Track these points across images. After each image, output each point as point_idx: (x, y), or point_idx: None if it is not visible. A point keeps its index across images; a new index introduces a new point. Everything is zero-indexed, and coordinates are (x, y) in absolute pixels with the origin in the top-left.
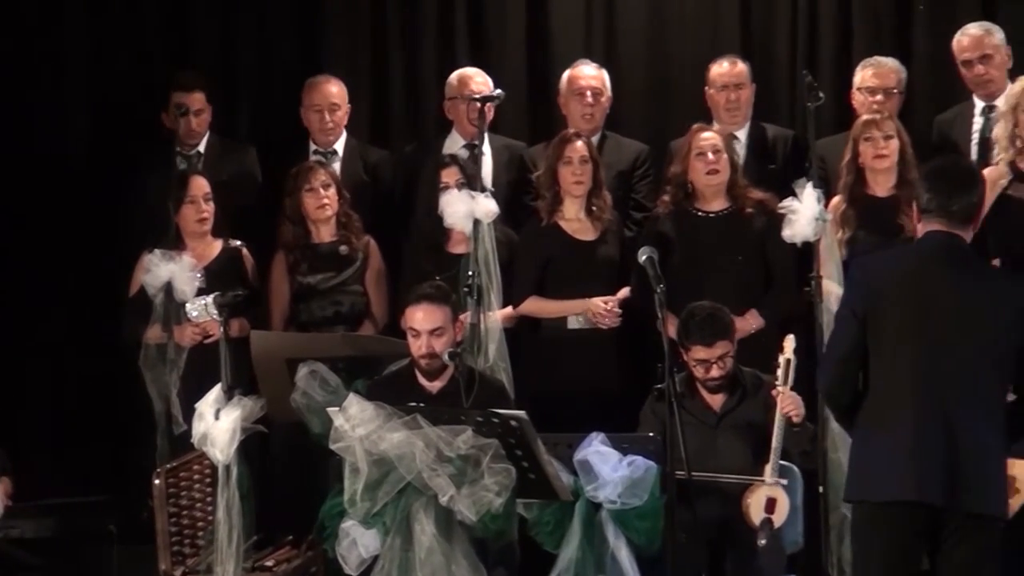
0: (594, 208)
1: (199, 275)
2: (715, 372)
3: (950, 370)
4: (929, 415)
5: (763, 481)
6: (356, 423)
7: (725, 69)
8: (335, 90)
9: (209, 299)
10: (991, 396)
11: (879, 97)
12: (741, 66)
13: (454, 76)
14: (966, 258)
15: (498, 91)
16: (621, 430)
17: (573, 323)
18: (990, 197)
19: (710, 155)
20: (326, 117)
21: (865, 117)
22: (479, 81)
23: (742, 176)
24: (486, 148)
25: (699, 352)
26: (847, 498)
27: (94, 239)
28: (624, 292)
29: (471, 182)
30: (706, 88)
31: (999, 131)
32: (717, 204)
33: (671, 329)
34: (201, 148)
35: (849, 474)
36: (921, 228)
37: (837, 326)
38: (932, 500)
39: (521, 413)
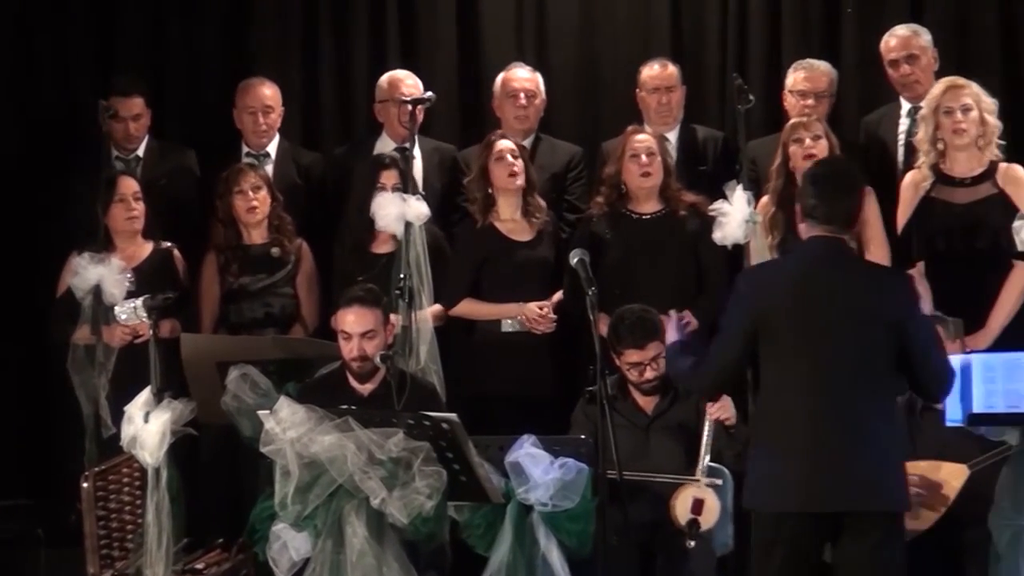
0: (529, 208)
1: (129, 277)
2: (649, 374)
3: (842, 374)
4: (821, 421)
5: (695, 480)
6: (287, 426)
7: (656, 71)
8: (269, 92)
9: (139, 302)
10: (884, 396)
11: (810, 101)
12: (672, 68)
13: (384, 79)
14: (850, 261)
15: (429, 93)
16: (554, 432)
17: (507, 326)
18: (913, 200)
19: (644, 157)
20: (260, 119)
21: (793, 120)
22: (409, 84)
23: (675, 179)
24: (416, 151)
25: (632, 355)
26: (745, 506)
27: (22, 243)
28: (558, 296)
29: (403, 184)
30: (637, 91)
31: (921, 134)
32: (650, 206)
33: (603, 331)
34: (140, 152)
35: (747, 482)
36: (804, 231)
37: (721, 335)
38: (828, 508)
39: (452, 416)
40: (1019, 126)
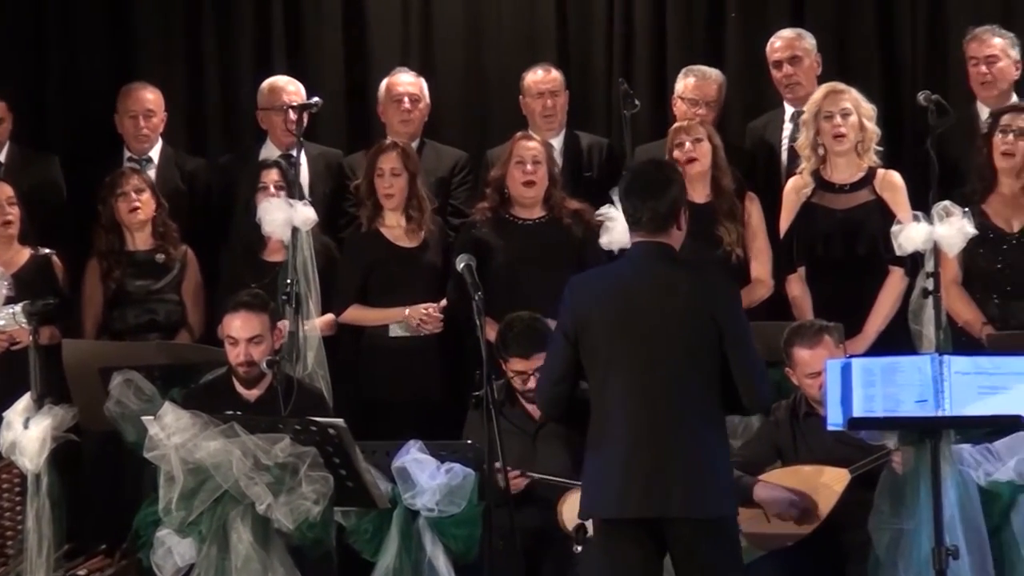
0: (413, 215)
1: (7, 283)
2: (533, 383)
3: (658, 380)
4: (639, 428)
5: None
6: (171, 432)
7: (540, 77)
8: (151, 96)
9: (17, 308)
10: (704, 401)
11: (701, 110)
12: (555, 73)
13: (265, 86)
14: (667, 265)
15: (315, 99)
16: (443, 438)
17: (395, 331)
18: (795, 206)
19: (529, 165)
20: (141, 123)
21: (675, 124)
22: (291, 90)
23: (560, 187)
24: (302, 156)
25: (517, 364)
26: (580, 514)
27: None
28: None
29: (289, 190)
30: (521, 96)
31: (802, 139)
32: (534, 212)
33: (490, 336)
34: (2, 158)
35: (581, 489)
36: (631, 239)
37: (551, 347)
38: (644, 514)
39: (339, 421)
40: (896, 132)
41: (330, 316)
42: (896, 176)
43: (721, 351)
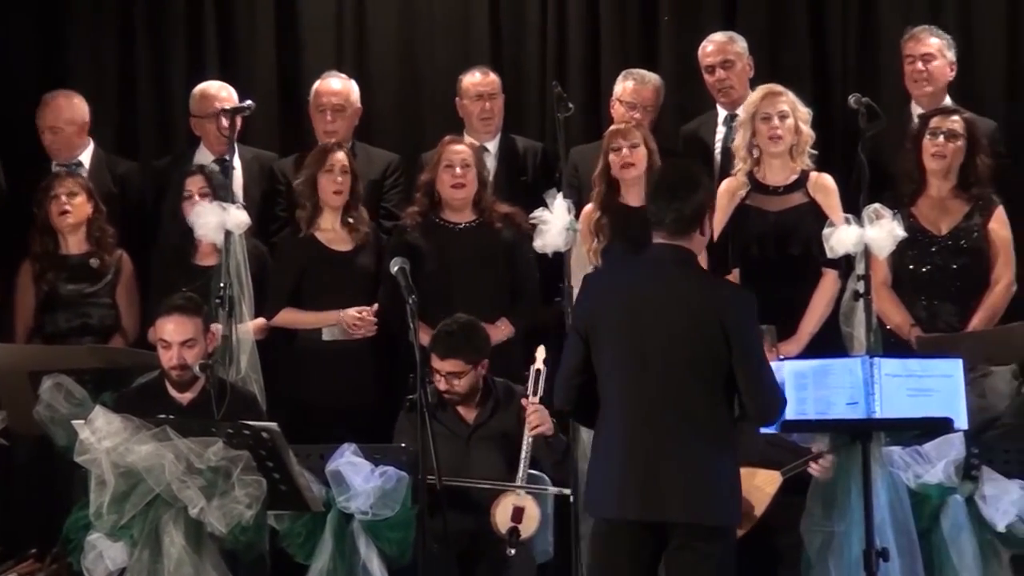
0: (350, 220)
1: None
2: (443, 385)
3: (660, 383)
4: (635, 430)
5: (515, 488)
6: (102, 435)
7: (478, 79)
8: (64, 108)
9: None
10: (706, 408)
11: (637, 114)
12: (493, 76)
13: (196, 92)
14: (682, 271)
15: (248, 102)
16: (376, 441)
17: (328, 335)
18: (729, 207)
19: (458, 169)
20: (52, 137)
21: (612, 128)
22: (223, 96)
23: (491, 190)
24: (236, 160)
25: (434, 362)
26: (584, 510)
27: None
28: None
29: (222, 194)
30: (457, 99)
31: (738, 141)
32: (464, 216)
33: (424, 339)
34: None
35: (585, 486)
36: (653, 237)
37: (568, 342)
38: (644, 516)
39: (272, 425)
40: (827, 135)
41: (261, 320)
42: (829, 179)
43: (729, 362)
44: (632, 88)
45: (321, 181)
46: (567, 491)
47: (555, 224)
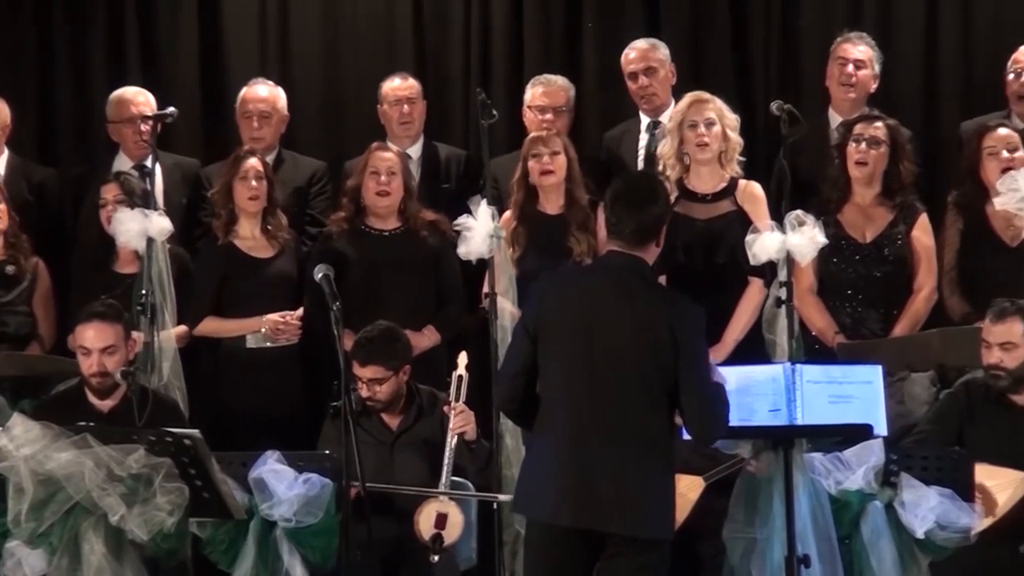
0: (269, 227)
1: None
2: (365, 392)
3: (604, 391)
4: (576, 436)
5: (439, 494)
6: (21, 443)
7: (397, 84)
8: None
9: None
10: (645, 419)
11: (549, 116)
12: (412, 81)
13: (113, 98)
14: (635, 280)
15: (171, 109)
16: (301, 448)
17: (252, 341)
18: None
19: (383, 176)
20: None
21: (532, 135)
22: (140, 101)
23: (416, 198)
24: (157, 166)
25: (356, 368)
26: (512, 508)
27: None
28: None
29: (143, 201)
30: (379, 104)
31: (666, 149)
32: (389, 223)
33: (348, 346)
34: None
35: (516, 484)
36: (606, 245)
37: (512, 341)
38: (570, 523)
39: (195, 432)
40: (750, 142)
41: (182, 328)
42: (757, 187)
43: (675, 375)
44: (541, 92)
45: (236, 188)
46: (492, 497)
47: (479, 231)
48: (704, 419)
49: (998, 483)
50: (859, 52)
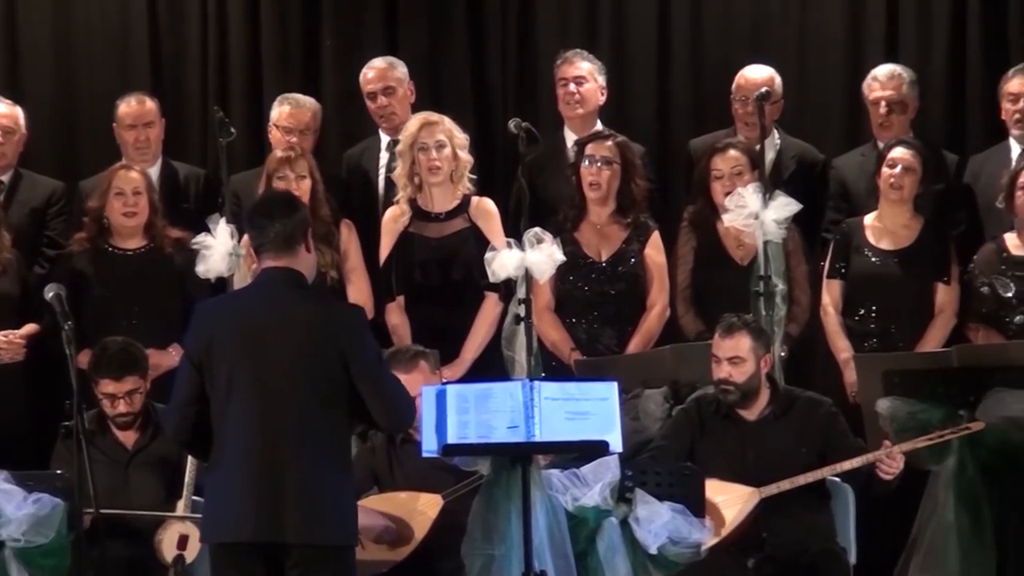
0: None
1: None
2: (122, 407)
3: (276, 407)
4: (253, 455)
5: (177, 516)
6: None
7: (133, 107)
8: None
9: None
10: (325, 429)
11: (294, 138)
12: (150, 104)
13: None
14: (291, 291)
15: None
16: (31, 468)
17: None
18: (393, 235)
19: (130, 196)
20: None
21: (279, 154)
22: None
23: (161, 216)
24: None
25: (108, 386)
26: (201, 539)
27: None
28: (29, 328)
29: None
30: (114, 125)
31: (399, 169)
32: (135, 242)
33: (82, 365)
34: None
35: (202, 515)
36: (259, 267)
37: (178, 372)
38: (260, 537)
39: None
40: (488, 160)
41: None
42: (489, 203)
43: (348, 379)
44: (288, 112)
45: None
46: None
47: (218, 249)
48: (389, 410)
49: (726, 498)
50: (578, 69)
